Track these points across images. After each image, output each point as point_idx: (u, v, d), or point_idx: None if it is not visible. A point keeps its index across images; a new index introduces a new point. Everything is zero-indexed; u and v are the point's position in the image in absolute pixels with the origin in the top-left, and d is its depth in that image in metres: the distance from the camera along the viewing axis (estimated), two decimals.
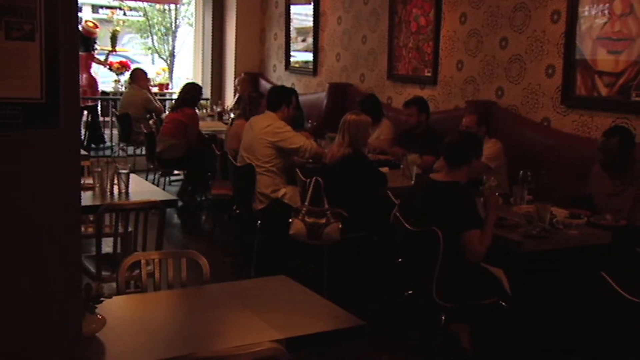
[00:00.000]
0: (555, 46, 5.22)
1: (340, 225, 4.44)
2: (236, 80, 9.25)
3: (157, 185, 6.55)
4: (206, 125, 7.69)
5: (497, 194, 4.04)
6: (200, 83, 9.68)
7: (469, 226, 3.38)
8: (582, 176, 4.42)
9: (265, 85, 9.40)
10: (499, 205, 3.62)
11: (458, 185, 3.48)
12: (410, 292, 3.74)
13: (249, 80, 8.91)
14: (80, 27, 9.55)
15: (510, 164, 4.95)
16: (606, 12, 4.76)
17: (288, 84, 8.99)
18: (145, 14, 13.16)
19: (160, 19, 13.11)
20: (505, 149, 5.03)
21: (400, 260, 3.84)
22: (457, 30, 6.23)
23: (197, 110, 7.49)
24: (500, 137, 5.10)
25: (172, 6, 12.48)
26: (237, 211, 5.45)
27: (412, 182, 4.77)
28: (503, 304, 3.49)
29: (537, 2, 5.36)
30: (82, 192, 3.84)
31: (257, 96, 6.59)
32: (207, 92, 9.96)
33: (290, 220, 4.55)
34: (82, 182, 4.10)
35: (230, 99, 9.71)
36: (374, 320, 4.02)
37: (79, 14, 12.64)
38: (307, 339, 2.18)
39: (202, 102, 8.82)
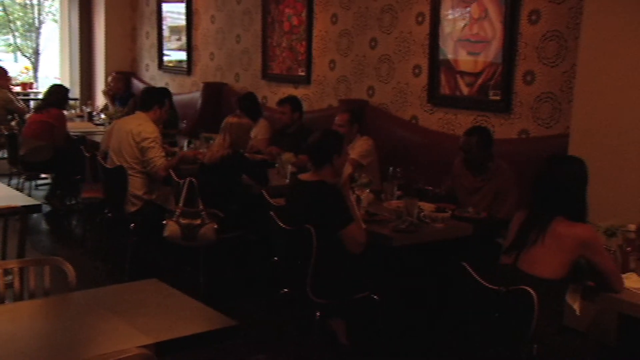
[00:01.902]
0: (421, 47, 5.45)
1: (215, 226, 4.40)
2: (107, 79, 8.94)
3: (21, 190, 6.19)
4: (75, 126, 7.36)
5: (368, 190, 4.18)
6: (68, 82, 9.27)
7: (346, 223, 3.45)
8: (448, 171, 4.64)
9: (138, 85, 9.14)
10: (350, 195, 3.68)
11: (325, 185, 3.54)
12: (285, 290, 3.77)
13: (121, 80, 8.63)
14: None
15: (382, 161, 5.10)
16: (465, 15, 5.03)
17: (162, 84, 8.81)
18: (4, 9, 12.40)
19: (21, 14, 12.41)
20: (377, 146, 5.18)
21: (276, 259, 3.86)
22: (328, 31, 6.35)
23: (64, 111, 7.16)
24: (371, 135, 5.25)
25: (35, 0, 11.85)
26: (109, 214, 5.27)
27: (287, 180, 4.81)
28: (375, 297, 3.58)
29: (403, 4, 5.57)
30: None
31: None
32: (75, 92, 9.55)
33: (164, 222, 4.46)
34: None
35: (101, 99, 9.36)
36: (251, 320, 4.07)
37: None
38: (178, 342, 2.15)
39: (71, 102, 8.44)
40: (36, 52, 12.11)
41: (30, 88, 10.63)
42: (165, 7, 8.86)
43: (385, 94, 5.82)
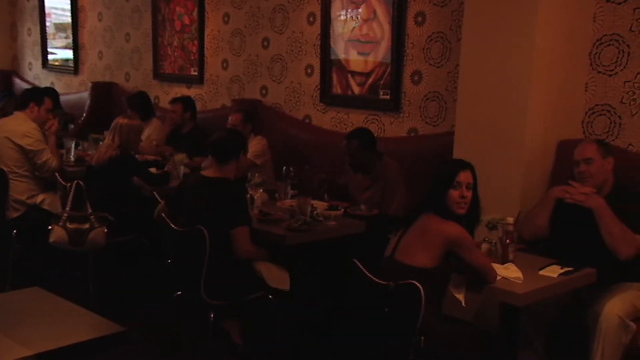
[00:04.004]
0: (312, 47, 5.50)
1: (105, 230, 4.27)
2: None
3: None
4: None
5: (261, 190, 4.18)
6: None
7: (238, 223, 3.43)
8: (341, 169, 4.71)
9: (20, 84, 8.70)
10: None
11: (229, 181, 3.53)
12: (179, 292, 3.70)
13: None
14: None
15: (276, 161, 5.11)
16: (354, 16, 5.13)
17: (47, 83, 8.45)
18: None
19: None
20: (271, 145, 5.19)
21: (169, 261, 3.79)
22: (221, 30, 6.30)
23: None
24: (265, 135, 5.25)
25: None
26: None
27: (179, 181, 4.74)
28: (270, 297, 3.59)
29: (294, 4, 5.60)
30: None
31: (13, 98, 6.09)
32: None
33: (50, 227, 4.27)
34: None
35: None
36: (145, 324, 3.97)
37: None
38: (61, 352, 2.06)
39: None
40: None
41: None
42: (49, 2, 8.48)
43: (278, 94, 5.84)
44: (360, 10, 5.08)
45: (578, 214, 3.24)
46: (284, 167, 4.43)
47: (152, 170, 4.90)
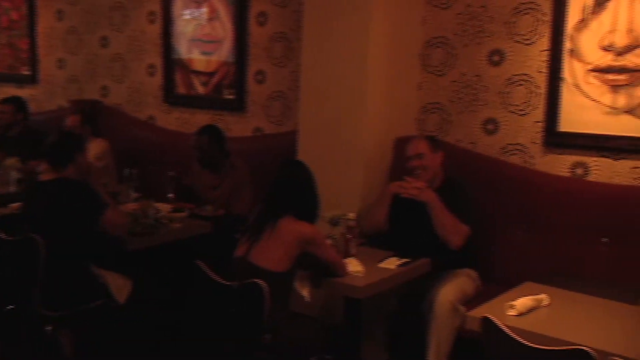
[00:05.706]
0: (154, 46, 5.37)
1: None
2: None
3: None
4: None
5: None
6: None
7: (103, 209, 3.31)
8: (186, 170, 4.64)
9: None
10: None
11: (69, 180, 3.37)
12: (11, 306, 3.46)
13: None
14: None
15: (120, 163, 4.92)
16: (197, 15, 5.07)
17: None
18: None
19: None
20: (113, 147, 5.00)
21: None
22: (54, 27, 5.98)
23: None
24: (107, 136, 5.06)
25: None
26: None
27: (12, 188, 4.44)
28: (112, 304, 3.45)
29: (134, 2, 5.44)
30: None
31: None
32: None
33: None
34: None
35: None
36: None
37: None
38: None
39: None
40: None
41: None
42: None
43: (120, 94, 5.64)
44: (202, 9, 5.03)
45: (413, 207, 3.41)
46: (126, 169, 4.29)
47: None
